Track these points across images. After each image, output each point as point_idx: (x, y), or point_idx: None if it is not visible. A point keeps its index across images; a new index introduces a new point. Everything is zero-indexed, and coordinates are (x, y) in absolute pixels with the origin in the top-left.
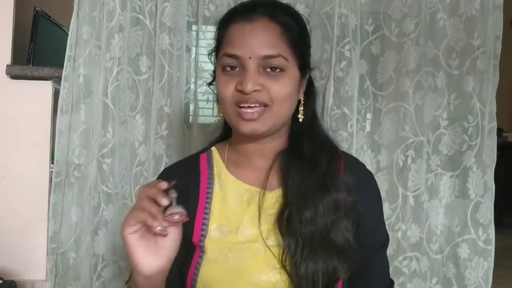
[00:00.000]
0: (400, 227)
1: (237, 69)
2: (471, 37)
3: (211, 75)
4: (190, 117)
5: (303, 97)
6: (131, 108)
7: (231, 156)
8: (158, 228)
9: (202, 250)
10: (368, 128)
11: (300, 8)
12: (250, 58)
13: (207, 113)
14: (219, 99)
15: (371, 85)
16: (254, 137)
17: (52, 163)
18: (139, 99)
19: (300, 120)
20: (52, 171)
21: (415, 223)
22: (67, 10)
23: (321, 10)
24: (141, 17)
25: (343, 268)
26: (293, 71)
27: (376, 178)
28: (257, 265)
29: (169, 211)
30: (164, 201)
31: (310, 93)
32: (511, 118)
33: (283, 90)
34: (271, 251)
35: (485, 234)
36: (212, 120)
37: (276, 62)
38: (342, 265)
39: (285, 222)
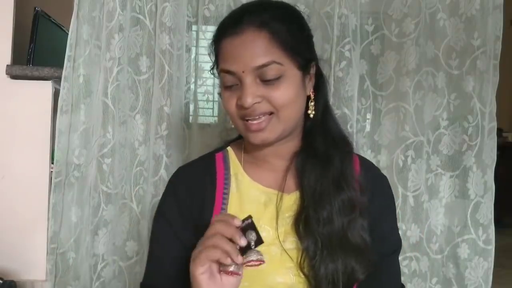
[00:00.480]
0: (400, 227)
1: (236, 83)
2: (471, 37)
3: (220, 87)
4: (190, 117)
5: (312, 92)
6: (131, 108)
7: (247, 158)
8: (232, 268)
9: None
10: (368, 128)
11: (300, 8)
12: (243, 72)
13: (207, 113)
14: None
15: (371, 85)
16: (266, 146)
17: (52, 163)
18: (139, 99)
19: (311, 116)
20: (52, 171)
21: (415, 223)
22: (67, 10)
23: (321, 10)
24: (141, 17)
25: (361, 268)
26: (292, 73)
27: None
28: (272, 268)
29: (248, 257)
30: (243, 242)
31: (319, 86)
32: (511, 118)
33: (285, 95)
34: (288, 254)
35: (485, 234)
36: (212, 120)
37: (271, 69)
38: (360, 265)
39: (303, 223)
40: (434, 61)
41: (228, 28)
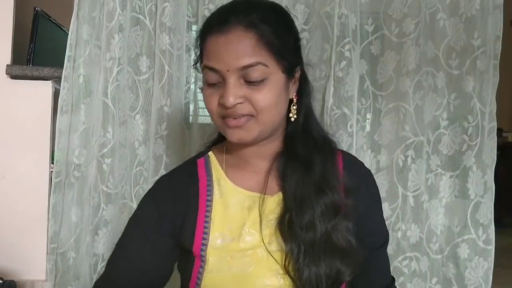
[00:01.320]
0: (400, 227)
1: (219, 81)
2: (471, 37)
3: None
4: (190, 117)
5: (295, 96)
6: (131, 108)
7: (230, 160)
8: None
9: (203, 260)
10: (368, 128)
11: (300, 8)
12: (228, 71)
13: (207, 113)
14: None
15: (371, 85)
16: (244, 145)
17: (52, 163)
18: (139, 99)
19: (292, 119)
20: (52, 171)
21: (415, 223)
22: (67, 10)
23: (321, 10)
24: (141, 17)
25: (347, 270)
26: (276, 76)
27: (376, 178)
28: (260, 271)
29: None
30: None
31: (303, 90)
32: (511, 118)
33: (267, 99)
34: (273, 257)
35: (485, 234)
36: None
37: (256, 70)
38: (346, 267)
39: (286, 226)
40: (434, 61)
41: (215, 25)
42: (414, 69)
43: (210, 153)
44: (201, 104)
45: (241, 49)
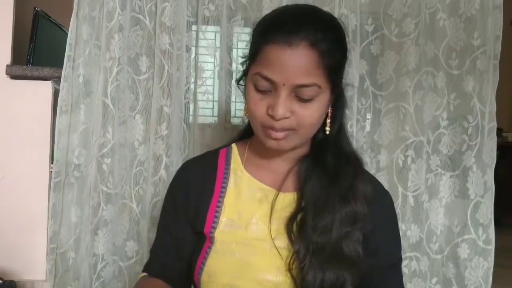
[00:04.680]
0: (400, 227)
1: (270, 90)
2: (471, 37)
3: (241, 74)
4: (190, 117)
5: (331, 110)
6: (131, 108)
7: (251, 155)
8: None
9: (212, 241)
10: (368, 128)
11: None
12: (284, 84)
13: (207, 113)
14: (248, 112)
15: (371, 85)
16: (280, 152)
17: (52, 163)
18: (139, 99)
19: (327, 132)
20: (52, 171)
21: (415, 223)
22: (67, 10)
23: None
24: (141, 17)
25: (351, 279)
26: (324, 96)
27: (376, 178)
28: (261, 263)
29: None
30: None
31: (339, 104)
32: (511, 118)
33: (312, 116)
34: (278, 252)
35: (485, 234)
36: (212, 120)
37: (310, 90)
38: (351, 277)
39: (297, 226)
40: (434, 61)
41: (281, 36)
42: (414, 69)
43: (233, 145)
44: (201, 104)
45: (303, 67)
